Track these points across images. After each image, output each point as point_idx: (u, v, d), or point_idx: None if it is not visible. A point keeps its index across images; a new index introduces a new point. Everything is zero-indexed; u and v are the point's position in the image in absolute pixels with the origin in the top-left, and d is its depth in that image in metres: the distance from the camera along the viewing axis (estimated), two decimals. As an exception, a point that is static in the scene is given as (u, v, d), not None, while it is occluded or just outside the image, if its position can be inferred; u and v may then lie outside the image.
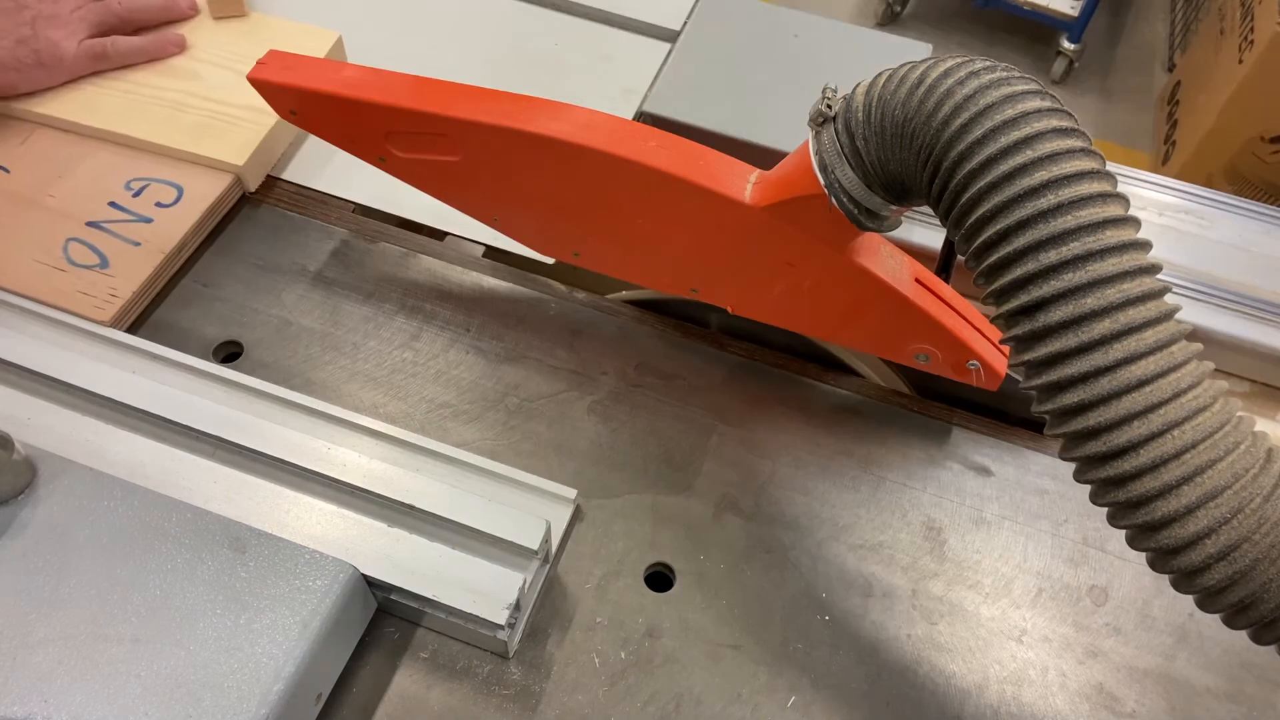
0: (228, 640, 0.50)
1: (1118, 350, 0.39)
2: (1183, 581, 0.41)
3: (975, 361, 0.61)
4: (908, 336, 0.62)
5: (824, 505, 0.65)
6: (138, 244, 0.73)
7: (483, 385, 0.70)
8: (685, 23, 0.90)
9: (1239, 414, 0.40)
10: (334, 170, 0.82)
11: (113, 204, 0.75)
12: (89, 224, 0.74)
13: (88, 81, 0.81)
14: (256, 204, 0.80)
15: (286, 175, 0.82)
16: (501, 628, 0.55)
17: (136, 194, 0.76)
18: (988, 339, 0.61)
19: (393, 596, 0.56)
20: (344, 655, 0.56)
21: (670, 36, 0.92)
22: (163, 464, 0.59)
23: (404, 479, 0.59)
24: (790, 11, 0.88)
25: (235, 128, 0.79)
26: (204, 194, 0.76)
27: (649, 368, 0.72)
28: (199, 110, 0.80)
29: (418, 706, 0.56)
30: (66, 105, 0.79)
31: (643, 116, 0.81)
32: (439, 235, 0.81)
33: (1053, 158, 0.41)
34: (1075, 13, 2.31)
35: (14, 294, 0.69)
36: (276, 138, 0.81)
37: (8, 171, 0.77)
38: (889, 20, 2.55)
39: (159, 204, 0.76)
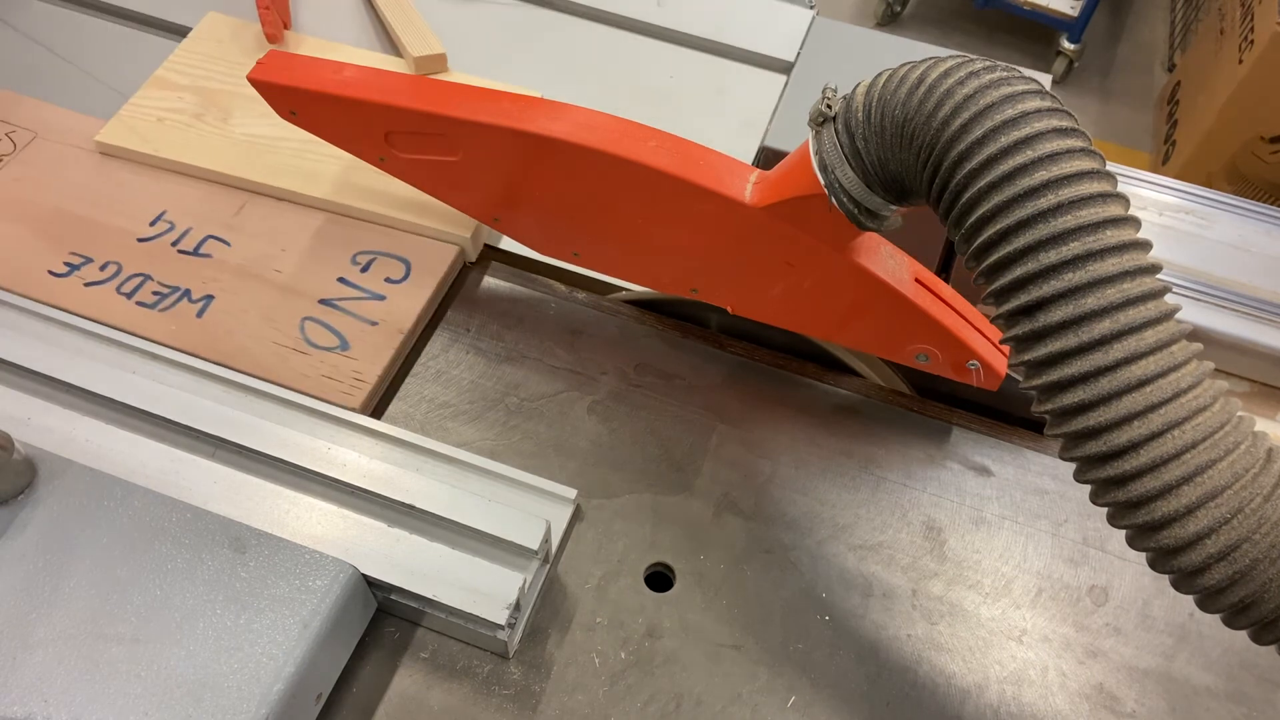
0: (228, 640, 0.50)
1: (1118, 350, 0.39)
2: (1183, 581, 0.41)
3: (975, 361, 0.61)
4: (908, 336, 0.62)
5: (824, 505, 0.65)
6: (374, 323, 0.69)
7: (483, 385, 0.70)
8: (798, 54, 0.89)
9: (1239, 414, 0.40)
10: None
11: (342, 279, 0.71)
12: (321, 302, 0.70)
13: (301, 147, 0.77)
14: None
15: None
16: (501, 628, 0.55)
17: (364, 269, 0.72)
18: (988, 339, 0.61)
19: (393, 596, 0.56)
20: (344, 655, 0.56)
21: (783, 67, 0.91)
22: (163, 464, 0.59)
23: (404, 479, 0.59)
24: (899, 39, 0.87)
25: None
26: (432, 268, 0.73)
27: (649, 368, 0.72)
28: None
29: (418, 706, 0.56)
30: (283, 174, 0.76)
31: (766, 151, 0.80)
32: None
33: (1053, 158, 0.41)
34: (1075, 13, 2.31)
35: (256, 377, 0.65)
36: None
37: (228, 244, 0.73)
38: (889, 20, 2.55)
39: (388, 279, 0.72)
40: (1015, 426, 0.70)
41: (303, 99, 0.65)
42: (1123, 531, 0.42)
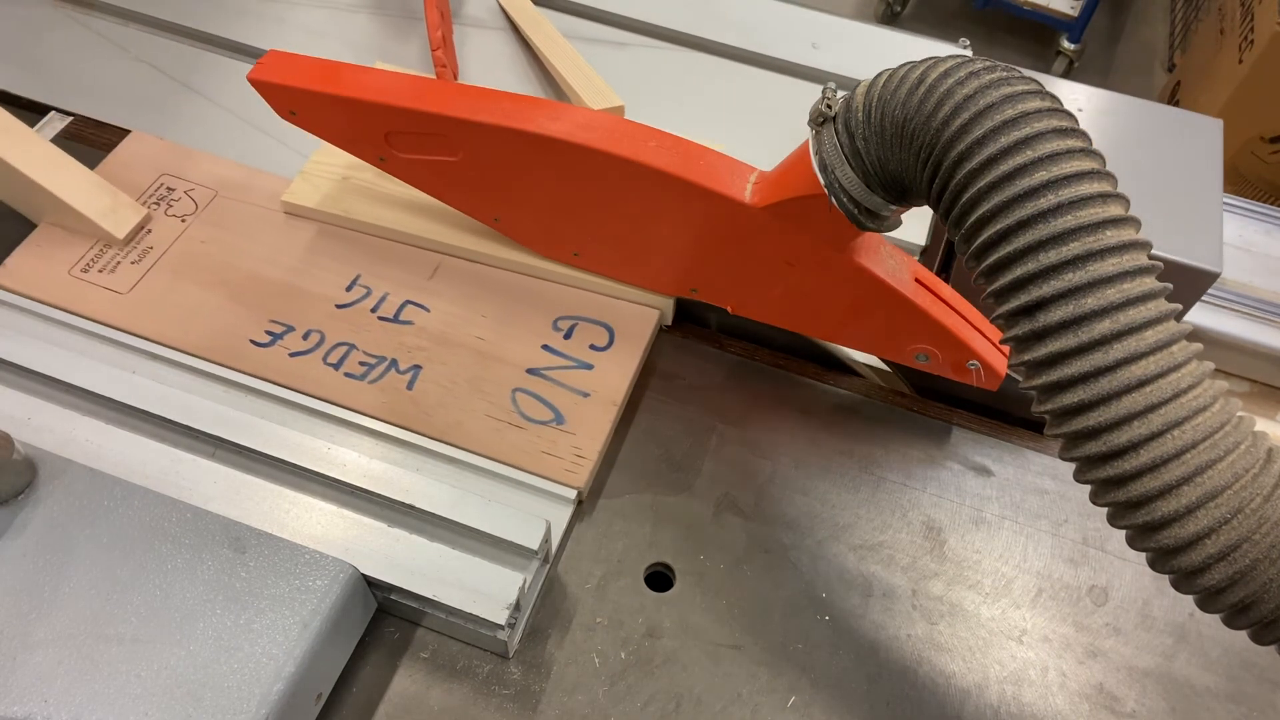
0: (228, 640, 0.50)
1: (1118, 350, 0.39)
2: (1183, 582, 0.41)
3: (975, 361, 0.61)
4: (908, 336, 0.62)
5: (824, 505, 0.65)
6: (586, 394, 0.66)
7: (483, 385, 0.70)
8: None
9: (1239, 414, 0.40)
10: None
11: (546, 347, 0.68)
12: (529, 371, 0.67)
13: None
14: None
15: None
16: (501, 628, 0.55)
17: (567, 335, 0.69)
18: (988, 339, 0.61)
19: (393, 596, 0.56)
20: (344, 655, 0.56)
21: None
22: (163, 464, 0.59)
23: (404, 479, 0.59)
24: (1072, 85, 0.82)
25: None
26: (636, 333, 0.69)
27: (649, 368, 0.72)
28: None
29: (418, 706, 0.56)
30: (478, 236, 0.72)
31: None
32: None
33: (1053, 158, 0.41)
34: (1075, 13, 2.31)
35: (473, 452, 0.63)
36: None
37: (427, 310, 0.70)
38: (889, 20, 2.55)
39: (593, 346, 0.68)
40: (1015, 426, 0.70)
41: (302, 99, 0.65)
42: (1122, 531, 0.42)
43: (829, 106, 0.49)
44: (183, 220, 0.74)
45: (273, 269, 0.72)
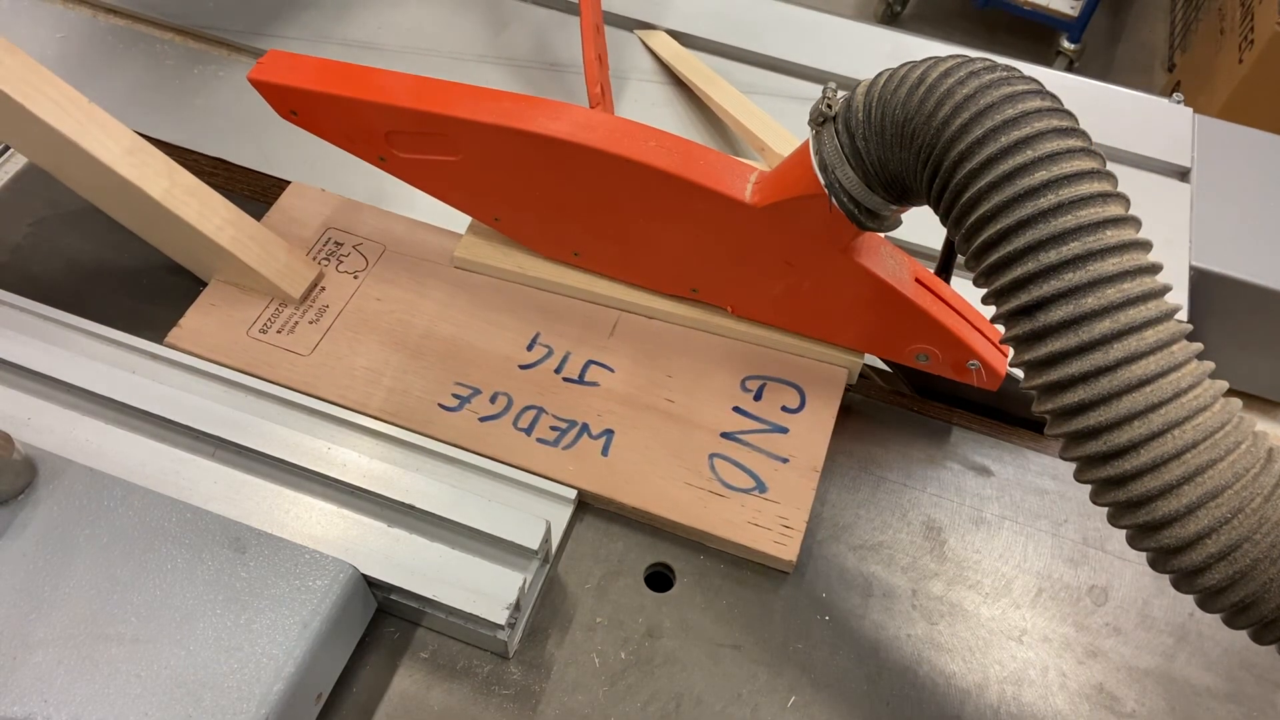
0: (228, 640, 0.50)
1: (1118, 350, 0.39)
2: (1183, 581, 0.41)
3: (975, 361, 0.61)
4: (908, 336, 0.62)
5: (824, 505, 0.65)
6: (785, 460, 0.63)
7: (483, 385, 0.70)
8: (1193, 157, 0.83)
9: (1239, 414, 0.40)
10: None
11: (737, 409, 0.65)
12: (724, 435, 0.64)
13: None
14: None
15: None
16: (501, 628, 0.55)
17: (757, 396, 0.66)
18: (988, 339, 0.61)
19: (393, 596, 0.56)
20: (344, 655, 0.56)
21: (1177, 173, 0.85)
22: (163, 464, 0.59)
23: (404, 479, 0.59)
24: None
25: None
26: (826, 395, 0.66)
27: (649, 368, 0.71)
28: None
29: (418, 706, 0.56)
30: (653, 294, 0.70)
31: (1196, 272, 0.74)
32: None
33: (1053, 157, 0.41)
34: (1075, 13, 2.31)
35: (680, 524, 0.61)
36: None
37: (612, 370, 0.67)
38: (889, 20, 2.55)
39: (785, 408, 0.66)
40: (1015, 426, 0.70)
41: (303, 99, 0.65)
42: (1123, 531, 0.42)
43: (829, 106, 0.49)
44: (355, 277, 0.71)
45: (450, 327, 0.69)
